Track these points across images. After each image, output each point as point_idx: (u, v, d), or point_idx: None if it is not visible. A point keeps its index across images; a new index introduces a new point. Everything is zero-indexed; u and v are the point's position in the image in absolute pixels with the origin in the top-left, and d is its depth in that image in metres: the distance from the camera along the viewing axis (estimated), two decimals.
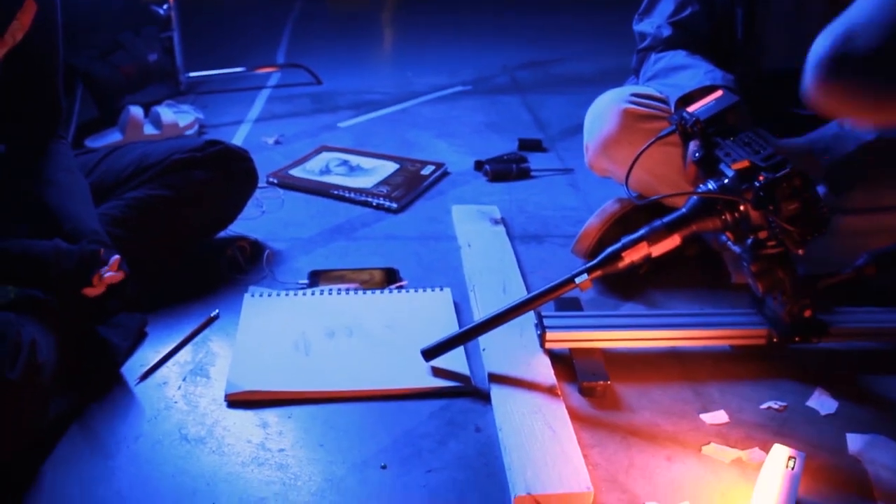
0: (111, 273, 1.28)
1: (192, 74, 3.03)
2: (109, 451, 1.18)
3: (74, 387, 1.29)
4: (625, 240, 1.32)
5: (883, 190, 1.52)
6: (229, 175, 1.71)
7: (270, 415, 1.27)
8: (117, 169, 1.65)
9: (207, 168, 1.66)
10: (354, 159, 2.33)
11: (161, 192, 1.59)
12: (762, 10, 1.62)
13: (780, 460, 1.12)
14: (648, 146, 1.43)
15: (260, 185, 1.89)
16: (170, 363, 1.39)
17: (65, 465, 1.15)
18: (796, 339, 1.38)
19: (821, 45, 0.97)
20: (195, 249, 1.73)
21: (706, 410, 1.30)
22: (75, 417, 1.25)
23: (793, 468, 1.10)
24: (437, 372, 1.35)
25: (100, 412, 1.26)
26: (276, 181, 2.17)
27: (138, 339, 1.45)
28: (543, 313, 1.43)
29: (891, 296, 1.51)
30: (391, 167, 2.26)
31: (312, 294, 1.58)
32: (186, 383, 1.34)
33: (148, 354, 1.41)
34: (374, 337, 1.45)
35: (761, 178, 1.24)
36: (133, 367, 1.38)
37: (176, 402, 1.29)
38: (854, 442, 1.23)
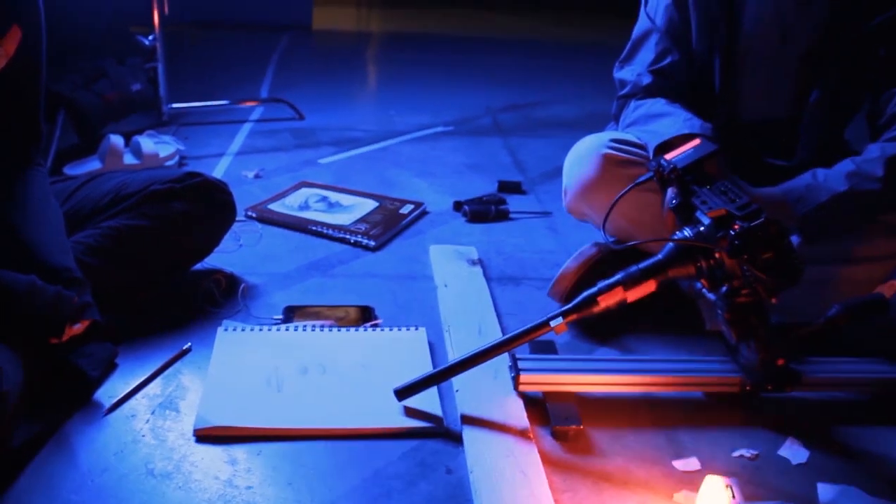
0: (78, 325, 1.28)
1: (175, 105, 3.03)
2: (74, 485, 1.16)
3: (40, 415, 1.27)
4: (601, 284, 1.32)
5: (854, 242, 1.54)
6: (207, 207, 1.70)
7: (239, 451, 1.25)
8: (95, 197, 1.64)
9: (186, 199, 1.66)
10: (334, 196, 2.33)
11: (138, 221, 1.59)
12: (739, 61, 1.65)
13: (716, 492, 1.09)
14: (626, 192, 1.44)
15: (238, 218, 1.89)
16: (139, 396, 1.37)
17: (27, 498, 1.13)
18: (769, 387, 1.38)
19: None
20: (170, 281, 1.71)
21: (678, 457, 1.29)
22: (39, 448, 1.22)
23: (734, 497, 1.08)
24: (410, 412, 1.34)
25: (65, 444, 1.24)
26: (254, 215, 2.17)
27: (108, 369, 1.43)
28: (518, 356, 1.43)
29: (862, 346, 1.52)
30: (370, 205, 2.26)
31: (287, 330, 1.57)
32: (155, 416, 1.32)
33: (117, 386, 1.39)
34: (348, 375, 1.44)
35: (736, 226, 1.25)
36: (101, 399, 1.35)
37: (143, 436, 1.27)
38: (825, 492, 1.22)
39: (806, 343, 1.37)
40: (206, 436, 1.28)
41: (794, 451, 1.32)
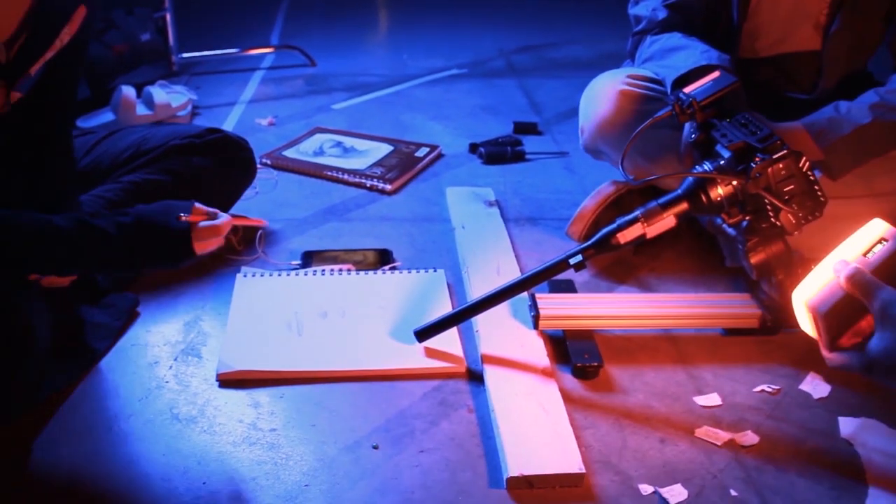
0: None
1: (186, 55, 3.00)
2: (101, 430, 1.18)
3: (66, 366, 1.28)
4: (619, 221, 1.31)
5: (877, 175, 1.51)
6: (227, 163, 1.71)
7: (262, 395, 1.26)
8: (114, 152, 1.64)
9: (205, 155, 1.66)
10: (348, 141, 2.32)
11: (157, 176, 1.58)
12: None
13: (865, 240, 0.99)
14: (644, 127, 1.41)
15: None
16: (161, 343, 1.38)
17: (56, 443, 1.15)
18: (790, 323, 1.37)
19: None
20: None
21: (699, 393, 1.29)
22: (67, 396, 1.24)
23: (874, 255, 0.97)
24: (430, 353, 1.35)
25: (91, 392, 1.26)
26: (269, 162, 2.16)
27: (130, 318, 1.44)
28: (537, 295, 1.43)
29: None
30: (385, 149, 2.25)
31: (305, 275, 1.57)
32: (178, 363, 1.34)
33: (140, 334, 1.40)
34: (367, 318, 1.45)
35: (757, 159, 1.24)
36: (125, 347, 1.37)
37: (167, 382, 1.29)
38: (846, 426, 1.23)
39: None
40: (229, 380, 1.29)
41: (815, 386, 1.32)
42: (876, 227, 1.00)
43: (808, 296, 0.99)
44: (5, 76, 1.17)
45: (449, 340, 1.37)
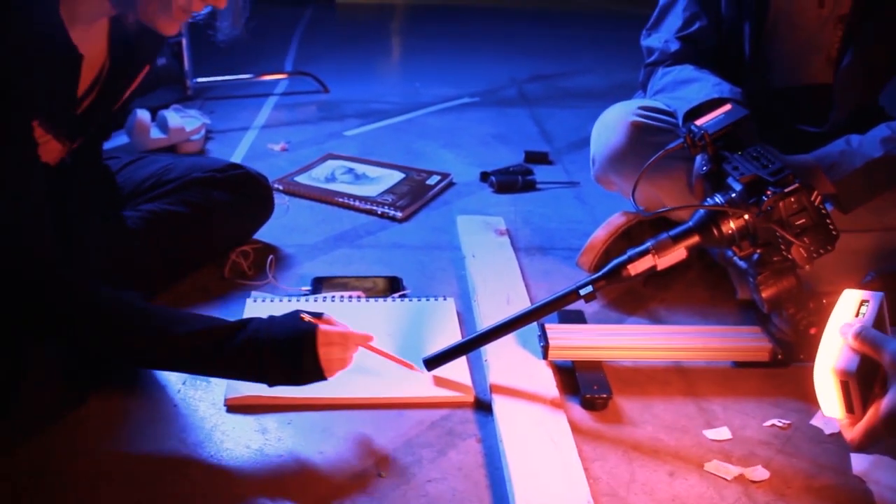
0: None
1: (200, 80, 3.03)
2: (110, 454, 1.17)
3: (75, 389, 1.28)
4: (630, 252, 1.31)
5: (888, 209, 1.51)
6: (246, 199, 1.72)
7: (270, 421, 1.26)
8: (137, 179, 1.66)
9: (225, 190, 1.68)
10: (360, 168, 2.33)
11: (176, 207, 1.60)
12: (771, 27, 1.62)
13: (850, 306, 1.03)
14: (655, 159, 1.42)
15: None
16: None
17: (62, 467, 1.14)
18: (801, 356, 1.37)
19: None
20: (200, 267, 1.71)
21: (709, 426, 1.29)
22: (75, 419, 1.24)
23: (864, 315, 1.00)
24: (439, 382, 1.34)
25: (100, 415, 1.26)
26: (281, 188, 2.17)
27: None
28: (547, 325, 1.42)
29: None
30: (397, 176, 2.26)
31: (315, 301, 1.57)
32: (186, 387, 1.33)
33: None
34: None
35: (769, 192, 1.24)
36: (134, 370, 1.37)
37: (175, 406, 1.29)
38: (858, 462, 1.21)
39: None
40: (237, 406, 1.29)
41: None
42: (852, 295, 1.04)
43: (832, 363, 0.98)
44: (70, 133, 1.21)
45: (458, 370, 1.36)
